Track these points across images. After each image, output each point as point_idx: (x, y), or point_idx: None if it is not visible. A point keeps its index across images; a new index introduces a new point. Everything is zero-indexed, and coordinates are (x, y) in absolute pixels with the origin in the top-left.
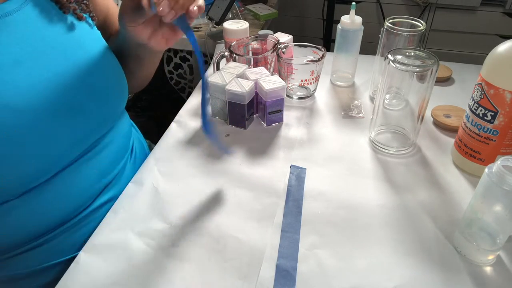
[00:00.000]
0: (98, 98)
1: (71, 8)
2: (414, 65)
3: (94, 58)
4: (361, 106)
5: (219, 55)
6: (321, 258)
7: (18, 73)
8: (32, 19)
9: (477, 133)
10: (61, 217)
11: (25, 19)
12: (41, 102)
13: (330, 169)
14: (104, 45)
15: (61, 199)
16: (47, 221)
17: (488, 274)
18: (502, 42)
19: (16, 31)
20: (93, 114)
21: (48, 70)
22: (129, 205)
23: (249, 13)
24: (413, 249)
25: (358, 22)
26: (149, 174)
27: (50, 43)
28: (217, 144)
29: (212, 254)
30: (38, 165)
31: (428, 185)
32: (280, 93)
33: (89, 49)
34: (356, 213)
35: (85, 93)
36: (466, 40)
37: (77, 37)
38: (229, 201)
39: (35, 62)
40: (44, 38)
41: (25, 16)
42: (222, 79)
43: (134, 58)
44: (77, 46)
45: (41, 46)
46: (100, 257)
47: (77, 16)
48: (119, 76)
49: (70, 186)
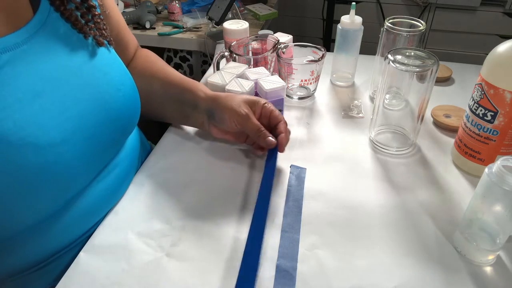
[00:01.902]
0: (114, 123)
1: (92, 34)
2: (414, 65)
3: (113, 83)
4: (361, 106)
5: (219, 55)
6: (321, 258)
7: (38, 106)
8: (51, 47)
9: (477, 133)
10: (72, 238)
11: (43, 48)
12: (61, 136)
13: (330, 169)
14: (122, 69)
15: (74, 221)
16: (58, 244)
17: (488, 274)
18: (502, 42)
19: (35, 61)
20: (107, 137)
21: (68, 99)
22: (129, 205)
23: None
24: (413, 249)
25: (358, 22)
26: (149, 174)
27: (71, 70)
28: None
29: (212, 254)
30: (54, 197)
31: (428, 185)
32: (280, 93)
33: (108, 74)
34: (356, 213)
35: (103, 118)
36: (466, 40)
37: (97, 63)
38: (229, 201)
39: (55, 92)
40: (65, 66)
41: (42, 45)
42: (222, 79)
43: (176, 114)
44: (97, 71)
45: (61, 74)
46: (100, 257)
47: (97, 41)
48: (135, 99)
49: (82, 208)
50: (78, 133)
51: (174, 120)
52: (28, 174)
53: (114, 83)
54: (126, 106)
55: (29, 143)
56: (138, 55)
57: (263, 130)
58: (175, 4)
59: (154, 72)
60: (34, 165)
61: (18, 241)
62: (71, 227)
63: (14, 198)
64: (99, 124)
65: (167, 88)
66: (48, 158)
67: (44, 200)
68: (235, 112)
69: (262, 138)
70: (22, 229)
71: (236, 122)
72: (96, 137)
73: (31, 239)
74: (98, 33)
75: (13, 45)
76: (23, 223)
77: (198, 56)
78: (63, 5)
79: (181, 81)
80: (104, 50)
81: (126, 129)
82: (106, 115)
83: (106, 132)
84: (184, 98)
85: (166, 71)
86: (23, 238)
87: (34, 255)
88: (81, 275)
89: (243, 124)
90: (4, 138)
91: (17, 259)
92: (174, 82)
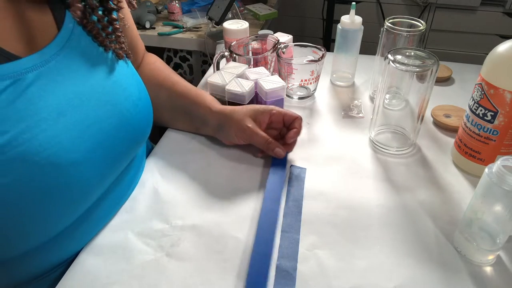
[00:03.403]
0: (131, 136)
1: (112, 47)
2: (414, 65)
3: (131, 98)
4: (361, 106)
5: (219, 55)
6: (321, 258)
7: (62, 126)
8: (74, 63)
9: (477, 133)
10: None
11: (67, 64)
12: (82, 155)
13: (330, 169)
14: (139, 82)
15: (85, 231)
16: (67, 253)
17: (488, 274)
18: (502, 42)
19: (59, 78)
20: (124, 151)
21: (89, 116)
22: (129, 206)
23: (249, 13)
24: (413, 249)
25: (358, 22)
26: (149, 175)
27: (93, 87)
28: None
29: (212, 254)
30: (71, 212)
31: (428, 185)
32: (280, 93)
33: (127, 89)
34: (356, 213)
35: (122, 134)
36: (466, 40)
37: (117, 77)
38: (229, 200)
39: (78, 110)
40: (87, 82)
41: (66, 61)
42: (222, 79)
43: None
44: (117, 86)
45: (84, 91)
46: (100, 257)
47: (117, 54)
48: (150, 112)
49: (94, 218)
50: (98, 151)
51: (185, 129)
52: (48, 192)
53: (132, 97)
54: (142, 120)
55: (52, 163)
56: (145, 62)
57: (271, 141)
58: (175, 4)
59: (161, 81)
60: (55, 184)
61: (30, 255)
62: (82, 236)
63: (32, 215)
64: (117, 140)
65: (175, 99)
66: (69, 177)
67: (61, 215)
68: (239, 128)
69: (271, 150)
70: (37, 245)
71: (242, 138)
72: (114, 153)
73: (42, 252)
74: (118, 46)
75: (39, 64)
76: (38, 239)
77: (198, 56)
78: (86, 18)
79: (188, 93)
80: (122, 63)
81: (140, 141)
82: (124, 131)
83: (123, 146)
84: (193, 112)
85: (173, 80)
86: (35, 252)
87: (43, 266)
88: (81, 275)
89: (250, 139)
90: (29, 159)
91: (27, 271)
92: (181, 93)
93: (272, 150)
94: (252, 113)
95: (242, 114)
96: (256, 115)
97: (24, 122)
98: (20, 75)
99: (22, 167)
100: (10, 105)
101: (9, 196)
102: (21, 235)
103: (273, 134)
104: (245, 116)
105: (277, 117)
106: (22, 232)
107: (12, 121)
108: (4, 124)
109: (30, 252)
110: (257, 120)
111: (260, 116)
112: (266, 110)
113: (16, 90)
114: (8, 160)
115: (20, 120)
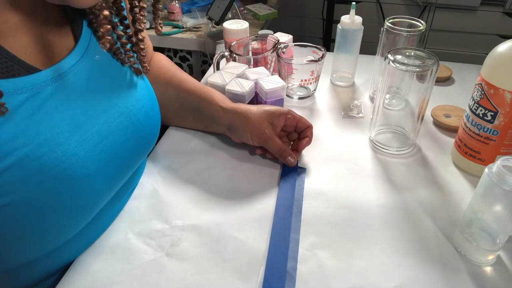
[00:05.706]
0: (142, 147)
1: (131, 62)
2: (414, 65)
3: (144, 109)
4: (361, 106)
5: (219, 55)
6: (321, 258)
7: (78, 138)
8: (91, 75)
9: (477, 133)
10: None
11: (84, 76)
12: (96, 167)
13: (330, 169)
14: (152, 94)
15: (91, 235)
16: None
17: (488, 274)
18: (502, 42)
19: (76, 91)
20: (134, 160)
21: (104, 129)
22: (129, 206)
23: (249, 13)
24: (413, 249)
25: (358, 22)
26: (149, 175)
27: (108, 99)
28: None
29: (212, 254)
30: (81, 220)
31: (428, 185)
32: (280, 93)
33: (141, 101)
34: (356, 213)
35: (134, 145)
36: (466, 40)
37: (132, 90)
38: (229, 201)
39: (93, 122)
40: (103, 95)
41: (83, 73)
42: (222, 79)
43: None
44: (132, 98)
45: (99, 103)
46: (100, 257)
47: (134, 70)
48: (159, 121)
49: (100, 223)
50: (111, 163)
51: (194, 128)
52: (59, 203)
53: (145, 109)
54: (153, 130)
55: (67, 176)
56: (153, 60)
57: (285, 149)
58: (175, 4)
59: (169, 79)
60: (68, 196)
61: (35, 262)
62: (87, 240)
63: (42, 226)
64: (128, 151)
65: (183, 96)
66: (81, 189)
67: (70, 225)
68: (257, 132)
69: (283, 158)
70: (44, 253)
71: (257, 141)
72: (125, 163)
73: (47, 259)
74: (141, 65)
75: (57, 77)
76: (46, 247)
77: (198, 56)
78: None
79: (196, 90)
80: (139, 76)
81: (148, 149)
82: (135, 141)
83: (133, 156)
84: (202, 109)
85: (180, 77)
86: (40, 259)
87: (47, 271)
88: (81, 275)
89: (265, 143)
90: (46, 172)
91: (30, 276)
92: (189, 90)
93: (284, 158)
94: (269, 116)
95: (259, 116)
96: (273, 118)
97: (42, 135)
98: (39, 88)
99: (38, 181)
100: (29, 118)
101: (22, 209)
102: (30, 245)
103: (281, 135)
104: (263, 120)
105: (291, 122)
106: (31, 242)
107: (31, 134)
108: (24, 137)
109: (36, 259)
110: (273, 124)
111: (277, 120)
112: (282, 114)
113: (35, 103)
114: (26, 175)
115: (39, 133)
